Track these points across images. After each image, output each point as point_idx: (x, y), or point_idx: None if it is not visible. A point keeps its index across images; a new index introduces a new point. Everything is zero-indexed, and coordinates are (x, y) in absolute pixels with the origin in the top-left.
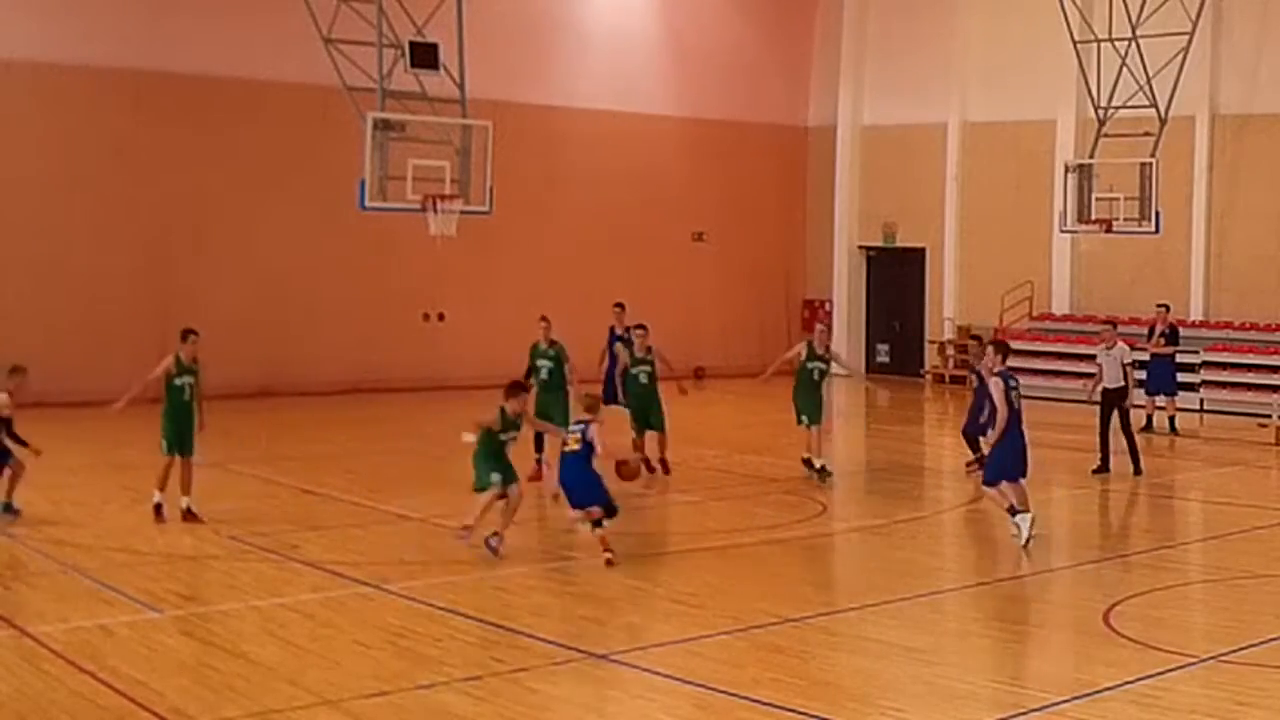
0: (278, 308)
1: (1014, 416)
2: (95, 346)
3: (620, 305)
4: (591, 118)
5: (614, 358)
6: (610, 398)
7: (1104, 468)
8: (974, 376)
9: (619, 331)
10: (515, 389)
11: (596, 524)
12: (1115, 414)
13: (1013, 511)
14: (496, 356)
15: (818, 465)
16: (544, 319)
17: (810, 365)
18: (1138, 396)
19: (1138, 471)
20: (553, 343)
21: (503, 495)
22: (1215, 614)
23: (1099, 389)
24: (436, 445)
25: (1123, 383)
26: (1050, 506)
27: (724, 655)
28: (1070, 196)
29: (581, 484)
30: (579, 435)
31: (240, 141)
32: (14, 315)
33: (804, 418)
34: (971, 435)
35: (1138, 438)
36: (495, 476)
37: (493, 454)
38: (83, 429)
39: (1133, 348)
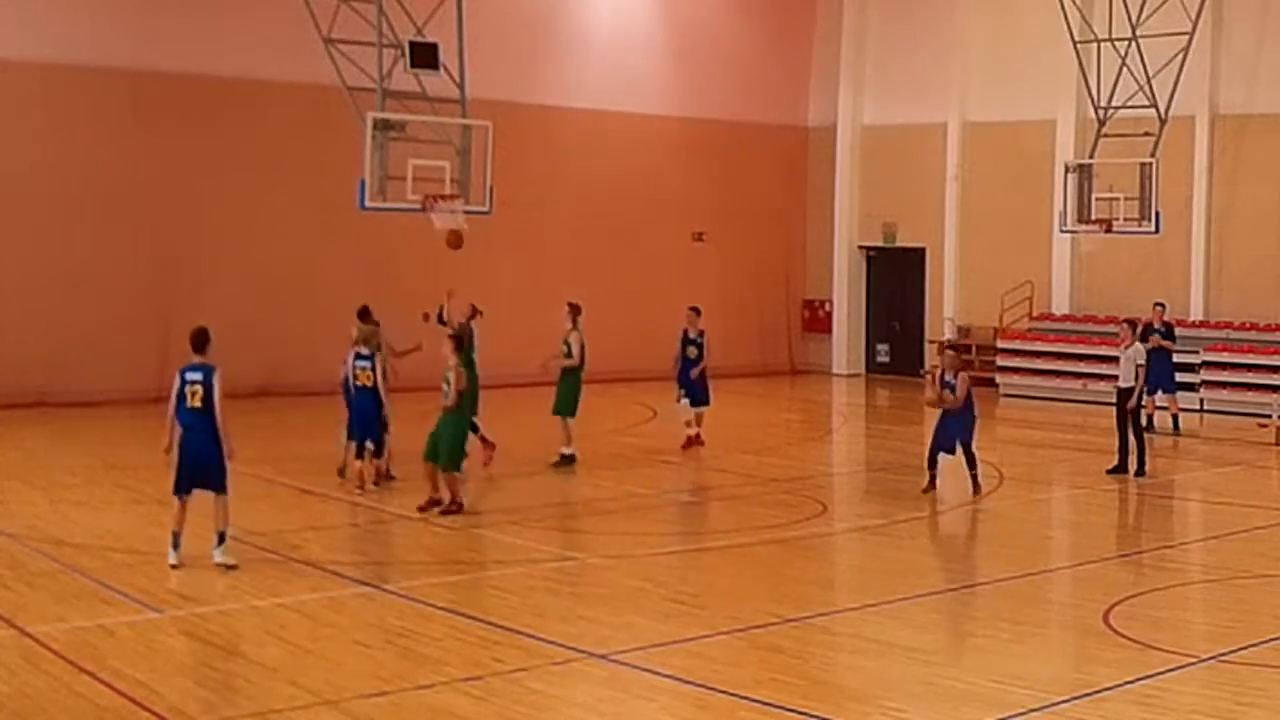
0: (278, 308)
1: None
2: (95, 347)
3: (695, 310)
4: (591, 117)
5: (686, 359)
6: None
7: (1120, 468)
8: (946, 392)
9: (692, 335)
10: None
11: None
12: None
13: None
14: (496, 357)
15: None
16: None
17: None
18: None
19: (1139, 473)
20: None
21: None
22: (1215, 614)
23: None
24: None
25: (1133, 382)
26: (1051, 506)
27: (724, 655)
28: (1070, 196)
29: None
30: None
31: (240, 142)
32: (13, 315)
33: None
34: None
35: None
36: None
37: None
38: (83, 429)
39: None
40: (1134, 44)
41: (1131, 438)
